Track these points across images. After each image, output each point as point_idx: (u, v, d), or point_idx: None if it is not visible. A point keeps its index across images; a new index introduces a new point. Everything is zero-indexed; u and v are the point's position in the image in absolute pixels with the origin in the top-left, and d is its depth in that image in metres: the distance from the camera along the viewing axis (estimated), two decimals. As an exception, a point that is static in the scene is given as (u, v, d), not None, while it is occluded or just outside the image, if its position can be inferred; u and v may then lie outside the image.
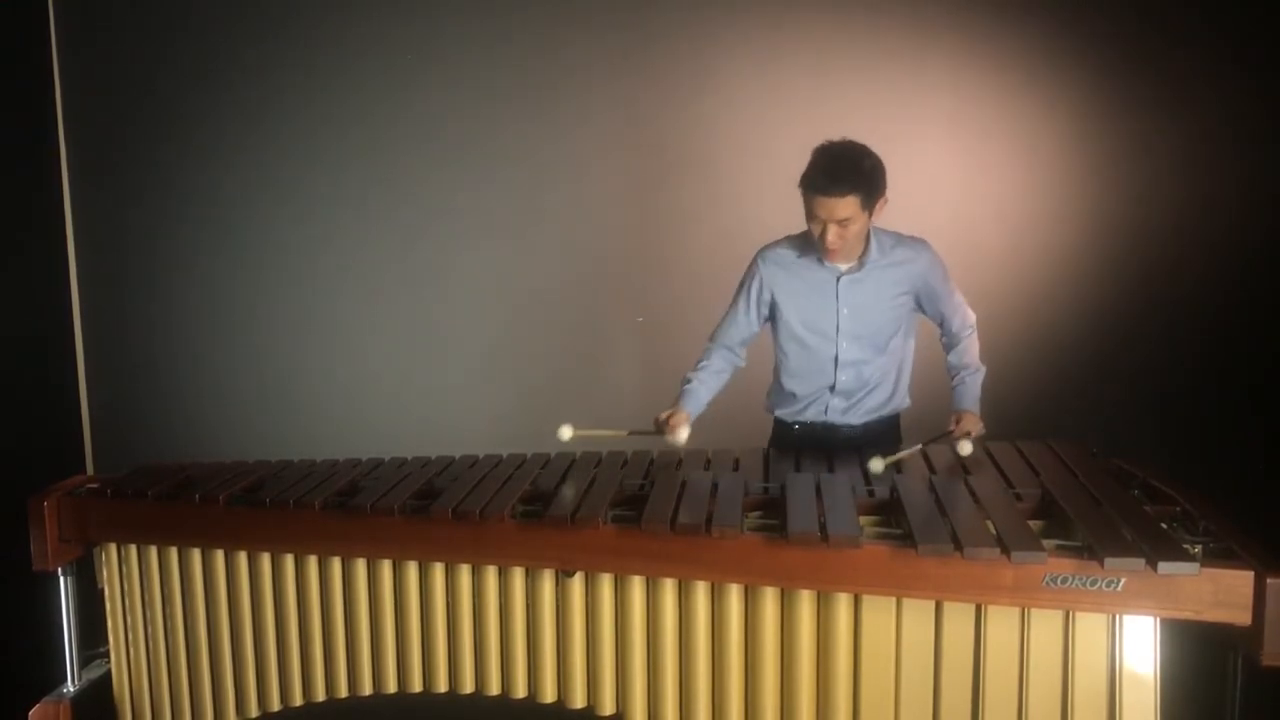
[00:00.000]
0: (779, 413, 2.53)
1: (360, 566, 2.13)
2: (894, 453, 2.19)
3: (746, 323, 2.46)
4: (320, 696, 2.21)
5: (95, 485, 2.35)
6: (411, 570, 2.10)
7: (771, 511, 1.98)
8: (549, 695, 2.04)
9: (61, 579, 2.30)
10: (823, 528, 1.81)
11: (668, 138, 3.52)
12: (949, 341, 2.47)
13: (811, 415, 2.47)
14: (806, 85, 3.41)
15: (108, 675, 2.36)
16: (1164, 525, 1.78)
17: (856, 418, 2.45)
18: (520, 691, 2.06)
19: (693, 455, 2.30)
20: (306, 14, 3.68)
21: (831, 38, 3.42)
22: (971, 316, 2.46)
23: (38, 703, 2.29)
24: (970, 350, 2.45)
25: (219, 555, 2.23)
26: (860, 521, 1.87)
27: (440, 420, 3.72)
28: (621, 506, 2.02)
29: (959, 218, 3.44)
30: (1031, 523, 1.84)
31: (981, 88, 3.37)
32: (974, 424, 2.32)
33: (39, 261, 3.78)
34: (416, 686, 2.13)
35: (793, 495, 1.96)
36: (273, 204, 3.80)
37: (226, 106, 3.76)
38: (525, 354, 3.74)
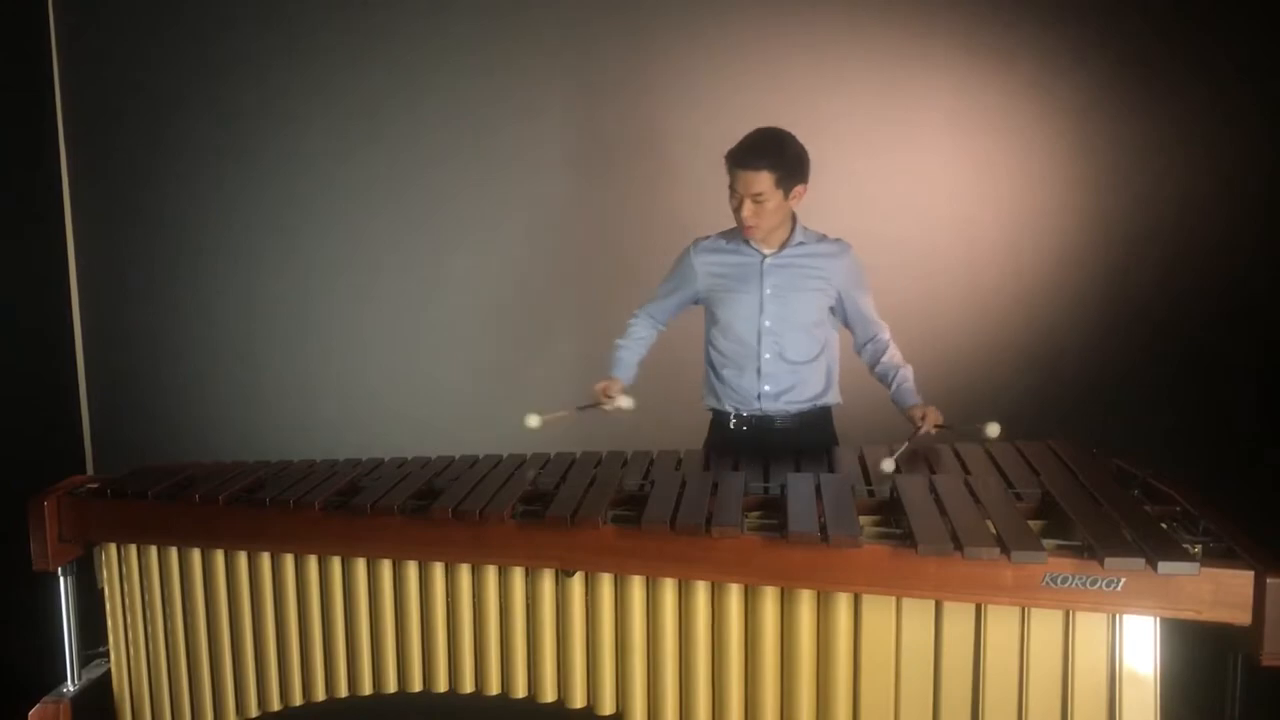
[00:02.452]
0: (714, 405, 2.60)
1: (360, 566, 2.13)
2: (897, 450, 2.18)
3: (670, 302, 2.64)
4: (320, 696, 2.21)
5: (95, 485, 2.35)
6: (411, 570, 2.10)
7: (771, 511, 1.98)
8: (549, 695, 2.04)
9: (61, 579, 2.30)
10: (823, 528, 1.82)
11: (668, 137, 3.52)
12: (873, 348, 2.56)
13: (744, 404, 2.53)
14: (806, 85, 3.41)
15: (108, 675, 2.36)
16: (1164, 525, 1.78)
17: (790, 407, 2.51)
18: (520, 691, 2.06)
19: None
20: (306, 14, 3.68)
21: (831, 37, 3.42)
22: (887, 328, 2.58)
23: (38, 703, 2.29)
24: (897, 353, 2.55)
25: (219, 555, 2.23)
26: (860, 521, 1.87)
27: (440, 420, 3.72)
28: (621, 506, 2.02)
29: (959, 218, 3.45)
30: (1031, 523, 1.84)
31: (981, 88, 3.38)
32: (936, 414, 2.39)
33: (39, 261, 3.78)
34: (416, 686, 2.13)
35: (793, 495, 1.96)
36: (273, 204, 3.80)
37: (226, 107, 3.76)
38: (525, 353, 3.74)
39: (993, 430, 2.26)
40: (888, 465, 2.08)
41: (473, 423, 3.67)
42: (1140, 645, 1.71)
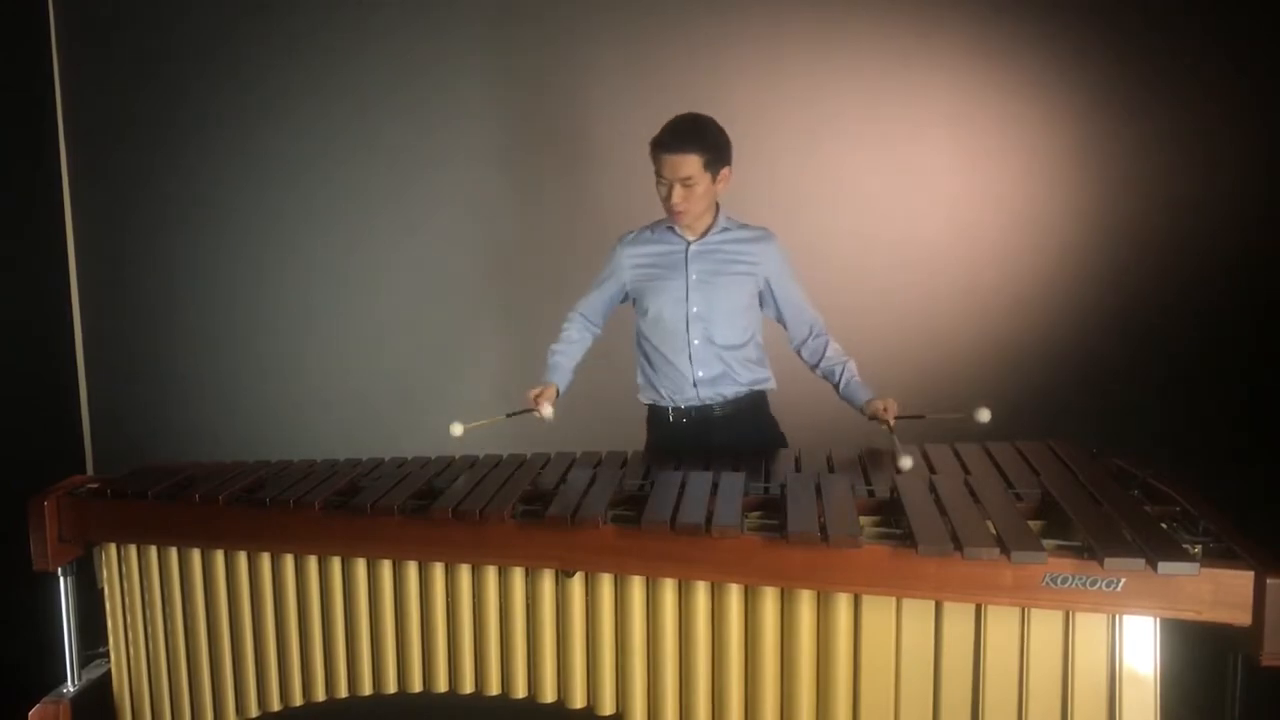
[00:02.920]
0: (652, 399, 2.61)
1: (360, 566, 2.13)
2: (905, 452, 2.17)
3: (600, 300, 2.64)
4: (320, 696, 2.21)
5: (95, 485, 2.35)
6: (411, 570, 2.10)
7: (771, 511, 1.98)
8: (549, 695, 2.04)
9: (61, 579, 2.30)
10: (823, 528, 1.81)
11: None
12: (813, 345, 2.55)
13: (681, 394, 2.54)
14: (806, 85, 3.41)
15: (108, 675, 2.36)
16: (1164, 525, 1.78)
17: (727, 391, 2.53)
18: (520, 691, 2.06)
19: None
20: (306, 15, 3.68)
21: (831, 37, 3.42)
22: (821, 319, 2.56)
23: (38, 703, 2.29)
24: (838, 347, 2.54)
25: (219, 555, 2.23)
26: (860, 521, 1.86)
27: (439, 420, 3.72)
28: (621, 506, 2.02)
29: (959, 218, 3.45)
30: (1031, 523, 1.84)
31: (981, 88, 3.38)
32: (894, 404, 2.38)
33: (39, 261, 3.78)
34: (416, 686, 2.13)
35: (793, 495, 1.96)
36: (273, 204, 3.80)
37: (226, 106, 3.76)
38: (525, 351, 3.74)
39: (983, 415, 2.23)
40: (906, 462, 2.07)
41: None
42: (1140, 645, 1.71)
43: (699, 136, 2.38)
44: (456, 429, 2.44)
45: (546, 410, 2.47)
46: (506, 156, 3.66)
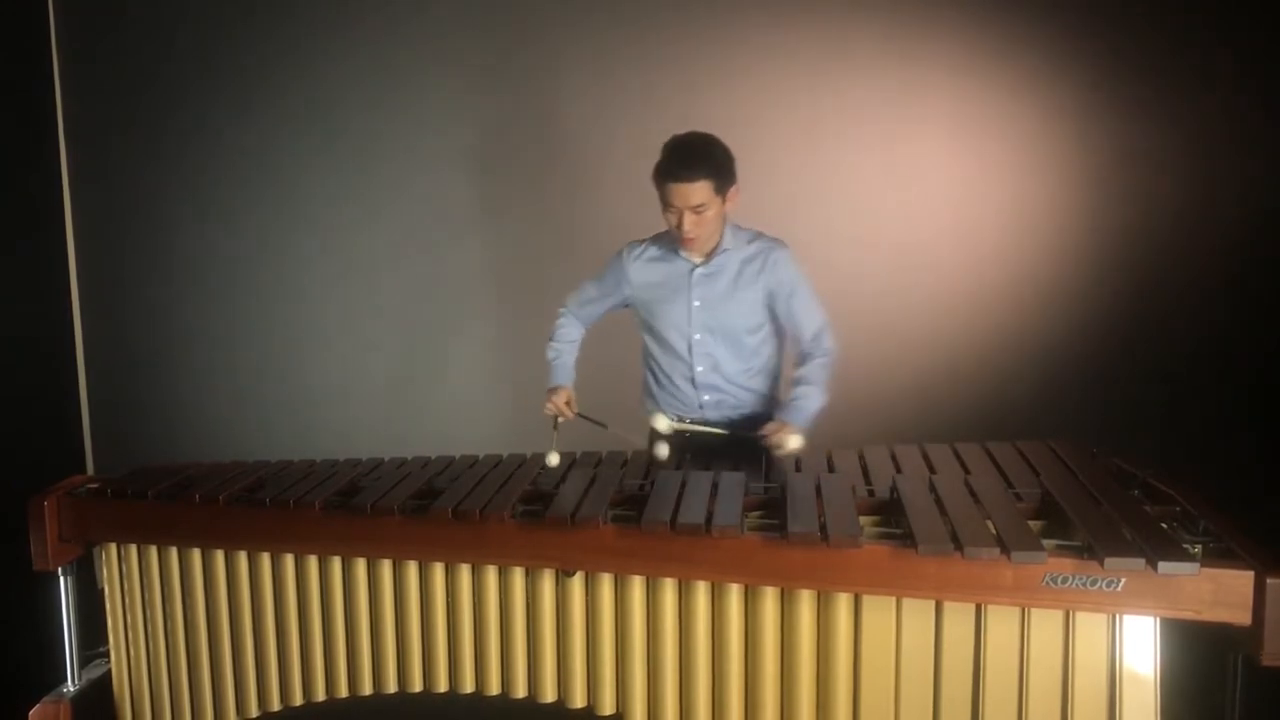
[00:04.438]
0: (654, 409, 2.51)
1: (360, 566, 2.13)
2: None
3: (599, 306, 2.56)
4: (320, 696, 2.21)
5: (95, 485, 2.35)
6: (411, 570, 2.10)
7: (771, 511, 1.98)
8: (549, 695, 2.04)
9: (61, 579, 2.30)
10: (823, 528, 1.81)
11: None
12: (802, 353, 2.40)
13: (688, 411, 2.47)
14: (806, 85, 3.41)
15: (108, 675, 2.36)
16: (1164, 525, 1.78)
17: (734, 414, 2.46)
18: (520, 691, 2.06)
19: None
20: (306, 15, 3.68)
21: (831, 37, 3.42)
22: (830, 343, 2.39)
23: (38, 703, 2.30)
24: (817, 371, 2.36)
25: (219, 555, 2.23)
26: (860, 521, 1.87)
27: (440, 420, 3.72)
28: (621, 506, 2.02)
29: (959, 218, 3.45)
30: (1031, 523, 1.84)
31: (981, 88, 3.37)
32: (792, 437, 2.22)
33: (39, 261, 3.78)
34: (416, 686, 2.13)
35: (793, 495, 1.96)
36: (272, 204, 3.80)
37: (226, 107, 3.76)
38: (525, 351, 3.74)
39: (552, 460, 2.26)
40: (662, 424, 2.11)
41: (472, 422, 3.68)
42: (1140, 645, 1.71)
43: (706, 160, 2.27)
44: (553, 459, 2.31)
45: (566, 414, 2.42)
46: (503, 160, 3.65)
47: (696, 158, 2.27)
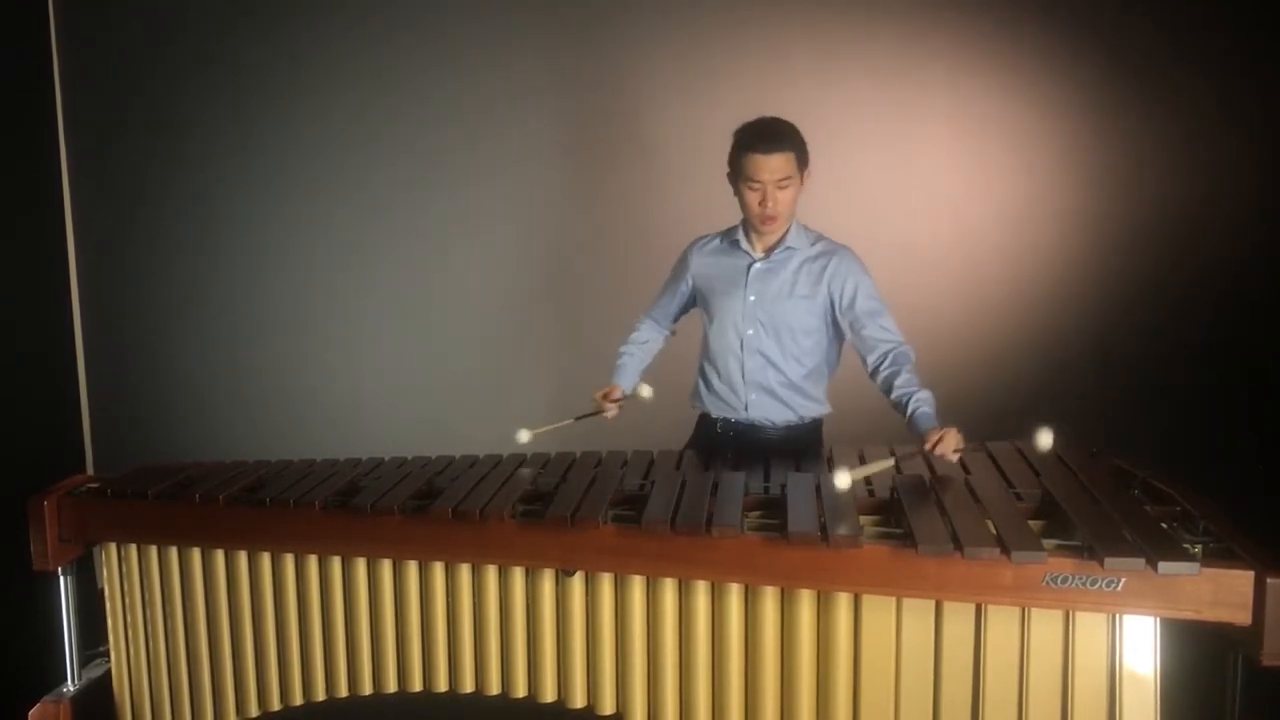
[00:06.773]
0: (701, 407, 2.54)
1: (360, 566, 2.13)
2: (863, 465, 2.06)
3: (669, 301, 2.59)
4: (320, 696, 2.21)
5: (95, 485, 2.35)
6: (411, 570, 2.10)
7: (771, 511, 1.98)
8: (549, 695, 2.04)
9: (61, 579, 2.30)
10: (823, 528, 1.81)
11: (667, 140, 3.52)
12: (884, 374, 2.27)
13: (733, 412, 2.47)
14: (806, 85, 3.41)
15: (108, 675, 2.36)
16: (1164, 525, 1.78)
17: (778, 419, 2.44)
18: (520, 691, 2.06)
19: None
20: (305, 15, 3.68)
21: (830, 37, 3.42)
22: (902, 346, 2.32)
23: (38, 703, 2.30)
24: (908, 376, 2.26)
25: (219, 555, 2.23)
26: (860, 521, 1.87)
27: (440, 420, 3.72)
28: (621, 506, 2.02)
29: (959, 218, 3.45)
30: (1031, 523, 1.84)
31: (981, 88, 3.37)
32: (956, 440, 2.06)
33: (39, 262, 3.78)
34: (416, 686, 2.13)
35: (793, 495, 1.96)
36: (272, 204, 3.80)
37: (226, 106, 3.76)
38: (524, 351, 3.74)
39: (522, 437, 2.29)
40: (843, 480, 1.91)
41: (473, 422, 3.68)
42: (1140, 645, 1.71)
43: (791, 134, 2.31)
44: (523, 436, 2.38)
45: (611, 411, 2.45)
46: (504, 161, 3.65)
47: (779, 131, 2.30)
